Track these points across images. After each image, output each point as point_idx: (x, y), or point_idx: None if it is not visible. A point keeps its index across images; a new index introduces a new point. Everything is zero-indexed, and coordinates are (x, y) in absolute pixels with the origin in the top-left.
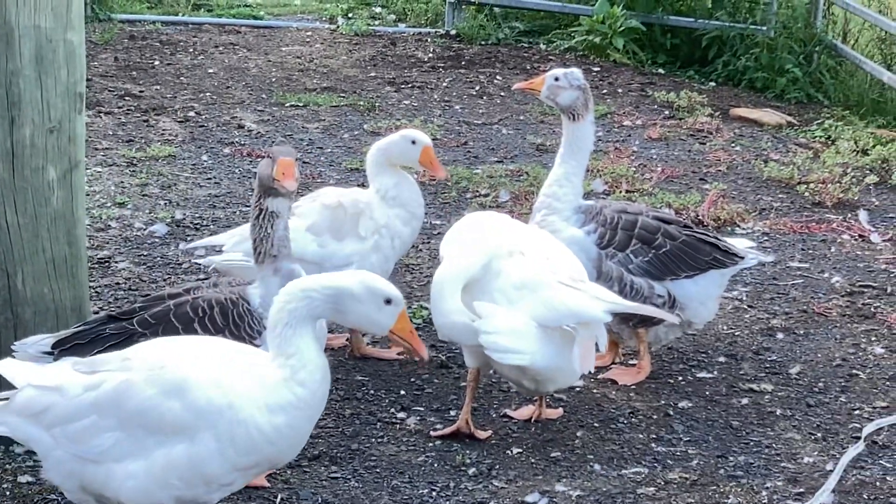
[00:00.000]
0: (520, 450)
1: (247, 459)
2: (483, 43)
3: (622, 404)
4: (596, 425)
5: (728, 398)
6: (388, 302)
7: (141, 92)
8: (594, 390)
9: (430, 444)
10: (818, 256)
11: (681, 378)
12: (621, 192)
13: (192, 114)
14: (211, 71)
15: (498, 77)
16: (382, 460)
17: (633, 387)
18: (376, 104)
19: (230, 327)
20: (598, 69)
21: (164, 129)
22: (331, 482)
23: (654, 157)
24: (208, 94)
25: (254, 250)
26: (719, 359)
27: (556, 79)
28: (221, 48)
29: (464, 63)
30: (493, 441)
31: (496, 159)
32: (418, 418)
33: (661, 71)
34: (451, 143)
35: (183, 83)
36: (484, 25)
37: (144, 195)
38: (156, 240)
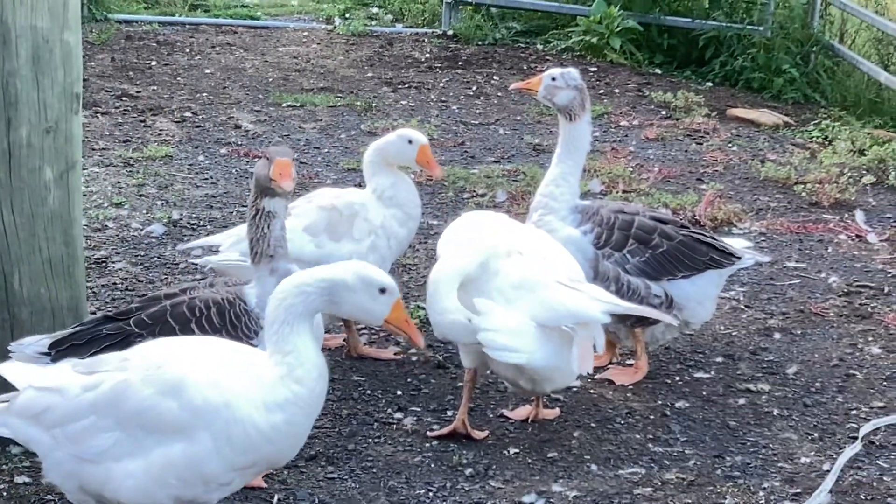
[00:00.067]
0: (517, 450)
1: (244, 458)
2: (480, 43)
3: (619, 404)
4: (593, 425)
5: (725, 398)
6: (383, 291)
7: (138, 92)
8: (591, 390)
9: (427, 445)
10: (815, 256)
11: (678, 378)
12: (618, 192)
13: (189, 114)
14: (208, 71)
15: (495, 77)
16: (379, 461)
17: (631, 387)
18: (373, 104)
19: (227, 327)
20: (595, 69)
21: (160, 130)
22: (327, 482)
23: (650, 157)
24: (205, 94)
25: (250, 250)
26: (716, 359)
27: (553, 79)
28: (218, 48)
29: (461, 63)
30: (489, 441)
31: (493, 159)
32: (415, 418)
33: (657, 71)
34: (448, 144)
35: (180, 83)
36: (481, 26)
37: (141, 195)
38: (152, 240)
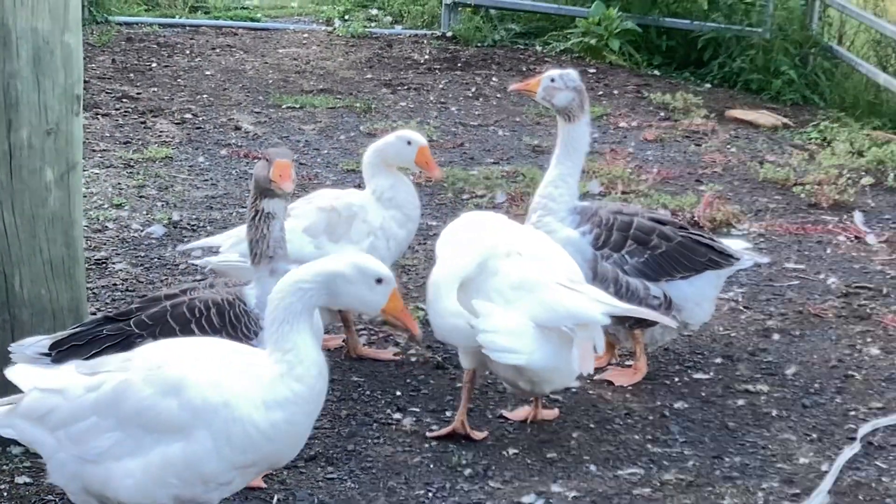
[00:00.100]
0: (516, 451)
1: (244, 458)
2: (479, 45)
3: (618, 405)
4: (592, 426)
5: (724, 399)
6: (380, 281)
7: (138, 94)
8: (590, 391)
9: (427, 445)
10: (814, 258)
11: (677, 379)
12: (617, 193)
13: (189, 115)
14: (208, 73)
15: (494, 79)
16: (379, 461)
17: (630, 388)
18: (372, 106)
19: (227, 328)
20: (594, 71)
21: (161, 131)
22: (327, 483)
23: (649, 158)
24: (205, 95)
25: (250, 251)
26: (715, 360)
27: (552, 80)
28: (218, 50)
29: (460, 65)
30: (489, 442)
31: (492, 161)
32: (414, 419)
33: (656, 72)
34: (448, 145)
35: (180, 85)
36: (480, 27)
37: (141, 196)
38: (153, 241)
